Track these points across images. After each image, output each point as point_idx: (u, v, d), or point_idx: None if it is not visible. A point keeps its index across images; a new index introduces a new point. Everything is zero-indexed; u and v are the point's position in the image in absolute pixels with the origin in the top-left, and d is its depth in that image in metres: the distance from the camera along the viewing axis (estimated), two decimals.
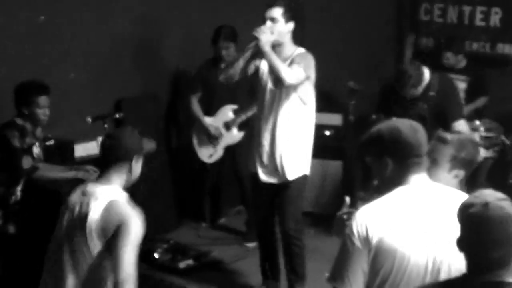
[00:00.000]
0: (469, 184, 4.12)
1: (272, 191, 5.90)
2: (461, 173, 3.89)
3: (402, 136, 3.17)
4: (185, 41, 7.65)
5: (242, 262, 6.89)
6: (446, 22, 9.03)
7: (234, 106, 7.23)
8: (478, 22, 8.76)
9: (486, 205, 2.66)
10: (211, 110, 7.30)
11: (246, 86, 6.72)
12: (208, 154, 7.34)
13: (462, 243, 2.73)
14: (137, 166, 4.06)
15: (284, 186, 5.82)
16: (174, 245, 6.99)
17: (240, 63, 5.67)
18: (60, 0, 6.53)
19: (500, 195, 2.74)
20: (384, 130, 3.25)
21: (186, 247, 7.01)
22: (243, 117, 7.12)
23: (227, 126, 7.22)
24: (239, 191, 7.38)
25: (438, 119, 6.01)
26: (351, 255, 3.08)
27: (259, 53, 5.60)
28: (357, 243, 3.07)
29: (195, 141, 7.38)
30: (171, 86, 7.76)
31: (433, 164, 3.74)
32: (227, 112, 7.24)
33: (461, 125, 6.05)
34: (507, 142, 6.96)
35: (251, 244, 7.07)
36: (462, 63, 7.82)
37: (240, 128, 7.19)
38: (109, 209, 3.83)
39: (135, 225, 3.80)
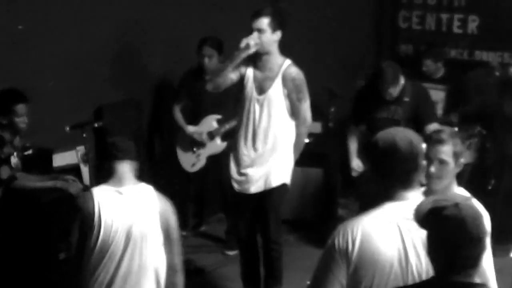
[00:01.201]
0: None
1: (254, 199, 5.90)
2: (462, 160, 3.96)
3: (397, 153, 3.10)
4: (168, 48, 7.61)
5: (223, 270, 6.88)
6: (424, 29, 9.08)
7: (218, 116, 7.21)
8: (456, 29, 8.82)
9: (457, 205, 2.70)
10: (196, 120, 7.28)
11: (232, 95, 6.73)
12: (191, 164, 7.32)
13: (435, 245, 2.74)
14: None
15: (267, 193, 5.84)
16: None
17: (228, 71, 5.66)
18: (39, 7, 6.47)
19: (464, 195, 2.80)
20: (380, 143, 3.19)
21: None
22: (226, 127, 7.09)
23: (211, 135, 7.20)
24: (221, 199, 7.36)
25: (411, 123, 6.11)
26: (330, 269, 3.06)
27: (246, 62, 5.65)
28: (337, 256, 3.05)
29: (178, 150, 7.37)
30: (153, 93, 7.72)
31: (442, 164, 3.85)
32: (211, 121, 7.22)
33: (434, 127, 6.16)
34: (484, 132, 7.01)
35: (232, 252, 7.06)
36: (441, 71, 7.85)
37: (224, 138, 7.17)
38: (161, 205, 4.26)
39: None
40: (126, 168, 4.25)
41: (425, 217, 2.77)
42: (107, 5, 7.01)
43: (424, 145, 3.24)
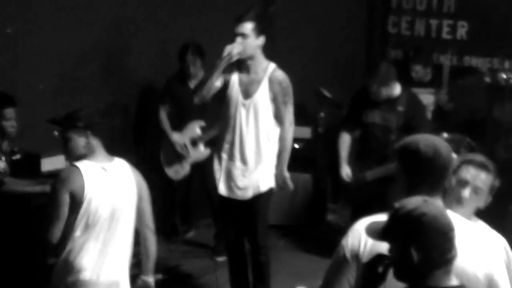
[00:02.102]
0: None
1: (242, 204, 5.87)
2: (490, 198, 3.61)
3: (437, 159, 3.02)
4: (155, 52, 7.61)
5: (211, 276, 6.85)
6: (413, 35, 9.10)
7: (202, 123, 7.19)
8: (445, 35, 8.83)
9: (425, 202, 2.65)
10: (180, 125, 7.27)
11: (215, 98, 6.70)
12: (175, 171, 7.29)
13: (419, 247, 2.66)
14: None
15: (255, 198, 5.81)
16: None
17: (213, 81, 5.62)
18: (28, 10, 6.44)
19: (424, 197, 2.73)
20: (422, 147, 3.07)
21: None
22: (210, 134, 7.08)
23: (194, 142, 7.18)
24: (208, 204, 7.33)
25: (405, 132, 6.11)
26: (340, 269, 3.04)
27: (231, 67, 5.63)
28: (348, 255, 3.03)
29: (162, 158, 7.35)
30: (140, 97, 7.70)
31: (477, 192, 3.53)
32: (195, 128, 7.19)
33: None
34: (473, 144, 7.01)
35: (220, 258, 7.04)
36: (429, 76, 7.88)
37: (207, 145, 7.15)
38: (136, 178, 4.44)
39: None
40: (99, 142, 4.35)
41: (398, 226, 2.69)
42: (95, 9, 6.99)
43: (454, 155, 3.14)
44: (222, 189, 5.85)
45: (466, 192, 3.50)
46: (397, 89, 6.31)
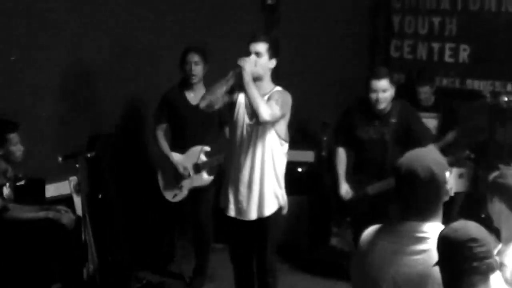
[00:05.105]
0: (443, 218, 4.11)
1: (248, 226, 5.84)
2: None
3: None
4: (160, 77, 7.61)
5: None
6: (416, 59, 9.12)
7: (207, 148, 6.95)
8: (447, 58, 8.86)
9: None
10: (180, 143, 6.95)
11: (214, 114, 6.60)
12: (173, 194, 7.01)
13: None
14: None
15: (262, 220, 5.75)
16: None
17: (222, 89, 5.55)
18: (32, 37, 6.49)
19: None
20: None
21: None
22: (215, 162, 6.90)
23: (197, 168, 6.90)
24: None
25: (399, 144, 6.14)
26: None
27: (238, 86, 5.62)
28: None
29: (160, 178, 7.07)
30: (145, 123, 7.69)
31: None
32: (199, 153, 6.89)
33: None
34: (472, 156, 7.02)
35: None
36: (432, 99, 7.90)
37: (210, 172, 7.01)
38: None
39: None
40: None
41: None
42: (95, 35, 7.02)
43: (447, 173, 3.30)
44: (231, 210, 5.80)
45: None
46: (391, 86, 6.37)
